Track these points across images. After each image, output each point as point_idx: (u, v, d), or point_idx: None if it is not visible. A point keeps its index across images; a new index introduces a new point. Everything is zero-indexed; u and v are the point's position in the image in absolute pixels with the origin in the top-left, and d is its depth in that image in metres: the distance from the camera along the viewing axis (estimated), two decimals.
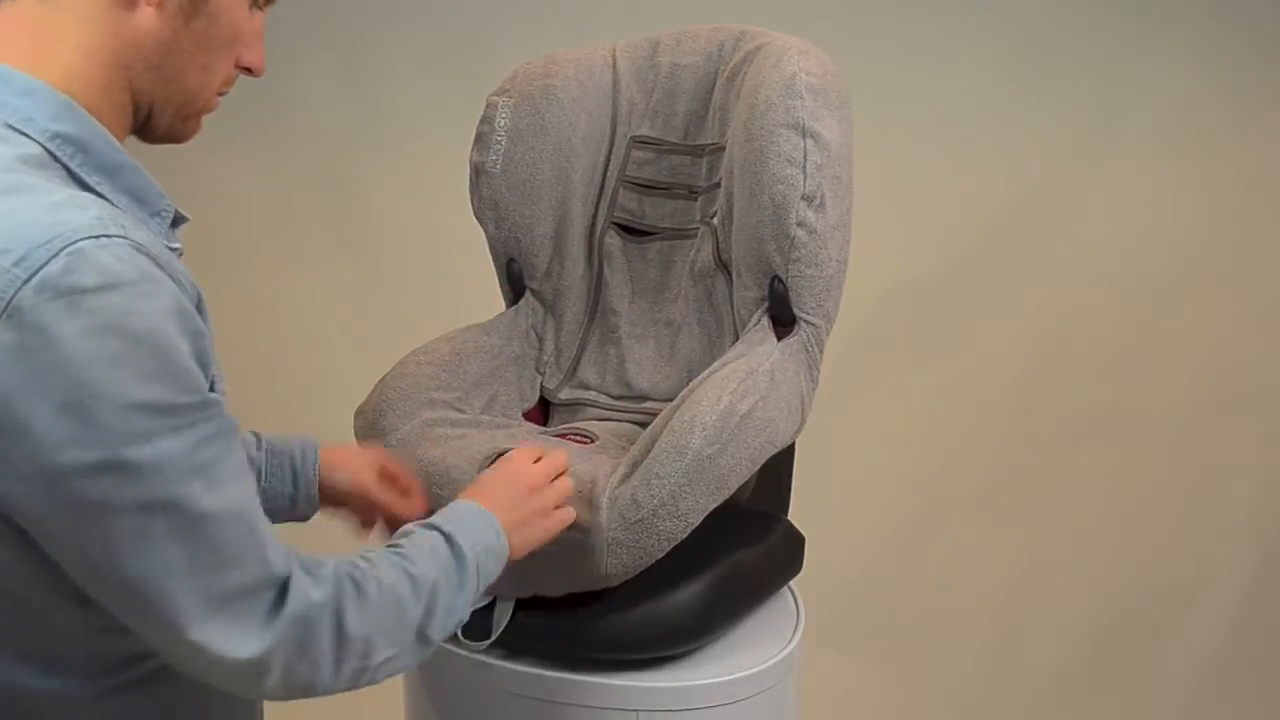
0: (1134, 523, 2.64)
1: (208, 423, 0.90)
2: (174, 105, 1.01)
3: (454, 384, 1.52)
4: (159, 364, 0.87)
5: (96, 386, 0.85)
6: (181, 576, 0.90)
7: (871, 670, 2.57)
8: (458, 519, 1.13)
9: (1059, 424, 2.62)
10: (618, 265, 1.63)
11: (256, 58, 1.05)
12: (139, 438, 0.86)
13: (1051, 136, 2.57)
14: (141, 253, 0.88)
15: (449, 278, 2.31)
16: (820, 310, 1.43)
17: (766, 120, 1.40)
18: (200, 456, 0.90)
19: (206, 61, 1.00)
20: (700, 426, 1.29)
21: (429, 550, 1.08)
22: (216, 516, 0.90)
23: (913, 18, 2.51)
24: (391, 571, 1.03)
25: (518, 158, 1.58)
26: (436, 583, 1.05)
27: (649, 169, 1.63)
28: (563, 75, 1.60)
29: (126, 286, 0.86)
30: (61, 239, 0.85)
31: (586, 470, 1.36)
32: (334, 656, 0.97)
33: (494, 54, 2.14)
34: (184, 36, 0.98)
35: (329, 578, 0.98)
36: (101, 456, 0.86)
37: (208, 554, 0.90)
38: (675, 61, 1.62)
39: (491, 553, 1.13)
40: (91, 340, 0.84)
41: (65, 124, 0.94)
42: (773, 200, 1.39)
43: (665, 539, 1.30)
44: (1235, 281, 2.62)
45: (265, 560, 0.94)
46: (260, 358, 2.56)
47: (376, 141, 2.53)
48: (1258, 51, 2.55)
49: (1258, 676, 2.67)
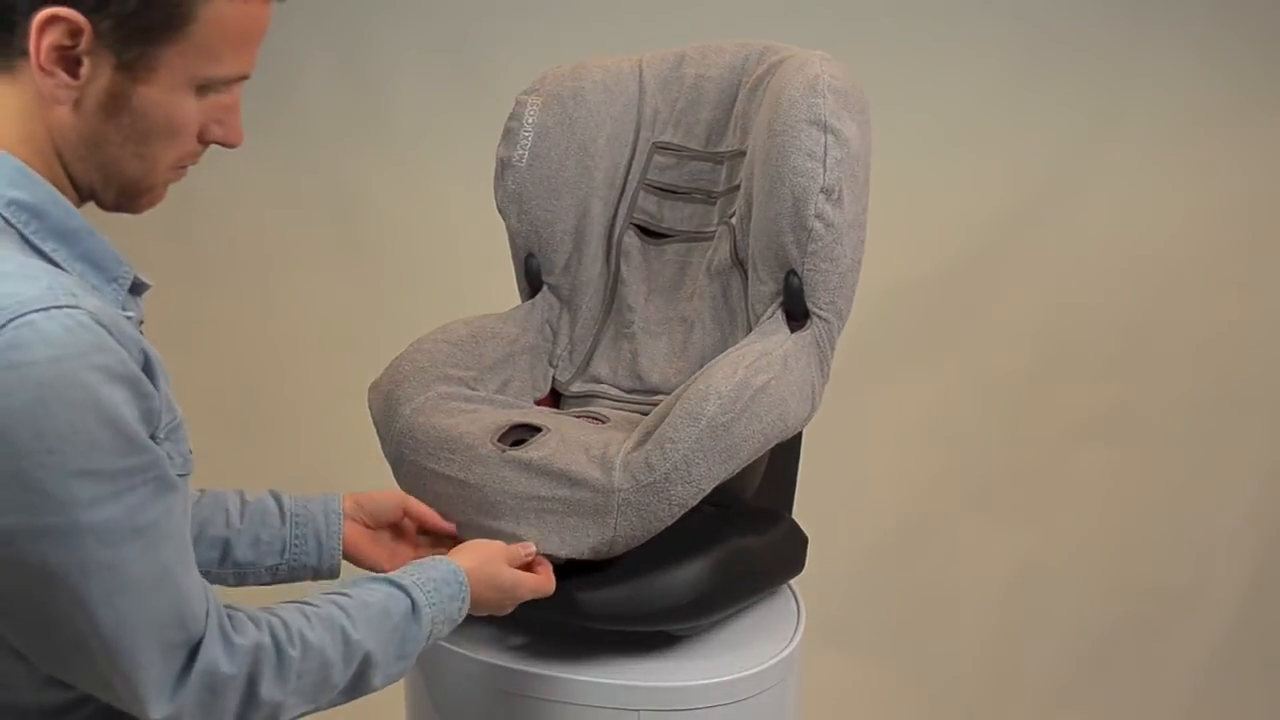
0: (1134, 523, 2.63)
1: (147, 485, 0.92)
2: (114, 188, 0.99)
3: (470, 363, 1.54)
4: (103, 433, 0.88)
5: (40, 456, 0.86)
6: (109, 635, 0.92)
7: (871, 670, 2.54)
8: (432, 584, 1.16)
9: (1059, 424, 2.62)
10: (635, 264, 1.66)
11: (226, 134, 1.01)
12: (81, 505, 0.88)
13: (1052, 137, 2.59)
14: (91, 319, 0.88)
15: (451, 277, 2.33)
16: (833, 306, 1.46)
17: (789, 116, 1.44)
18: (139, 519, 0.91)
19: (141, 151, 0.97)
20: (716, 395, 1.31)
21: (378, 612, 1.10)
22: (149, 579, 0.92)
23: (916, 19, 2.53)
24: (325, 632, 1.05)
25: (543, 154, 1.62)
26: (371, 652, 1.07)
27: (669, 174, 1.67)
28: (590, 79, 1.65)
29: (73, 358, 0.86)
30: (8, 311, 0.86)
31: (599, 439, 1.38)
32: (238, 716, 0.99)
33: (494, 54, 2.18)
34: (109, 130, 0.95)
35: (247, 649, 0.99)
36: (44, 522, 0.87)
37: (136, 615, 0.92)
38: (700, 73, 1.67)
39: (450, 621, 1.18)
40: (36, 411, 0.85)
41: (21, 190, 0.94)
42: (792, 192, 1.42)
43: (676, 504, 1.31)
44: (1236, 282, 2.63)
45: (184, 623, 0.95)
46: (260, 358, 2.57)
47: (377, 142, 2.54)
48: (1262, 53, 2.57)
49: (1258, 676, 2.63)
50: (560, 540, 1.33)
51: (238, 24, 0.96)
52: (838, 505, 2.35)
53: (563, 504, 1.33)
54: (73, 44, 0.91)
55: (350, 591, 1.12)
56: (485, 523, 1.36)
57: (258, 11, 0.98)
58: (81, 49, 0.91)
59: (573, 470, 1.34)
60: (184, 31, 0.94)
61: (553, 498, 1.34)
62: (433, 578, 1.18)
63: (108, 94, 0.93)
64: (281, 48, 1.39)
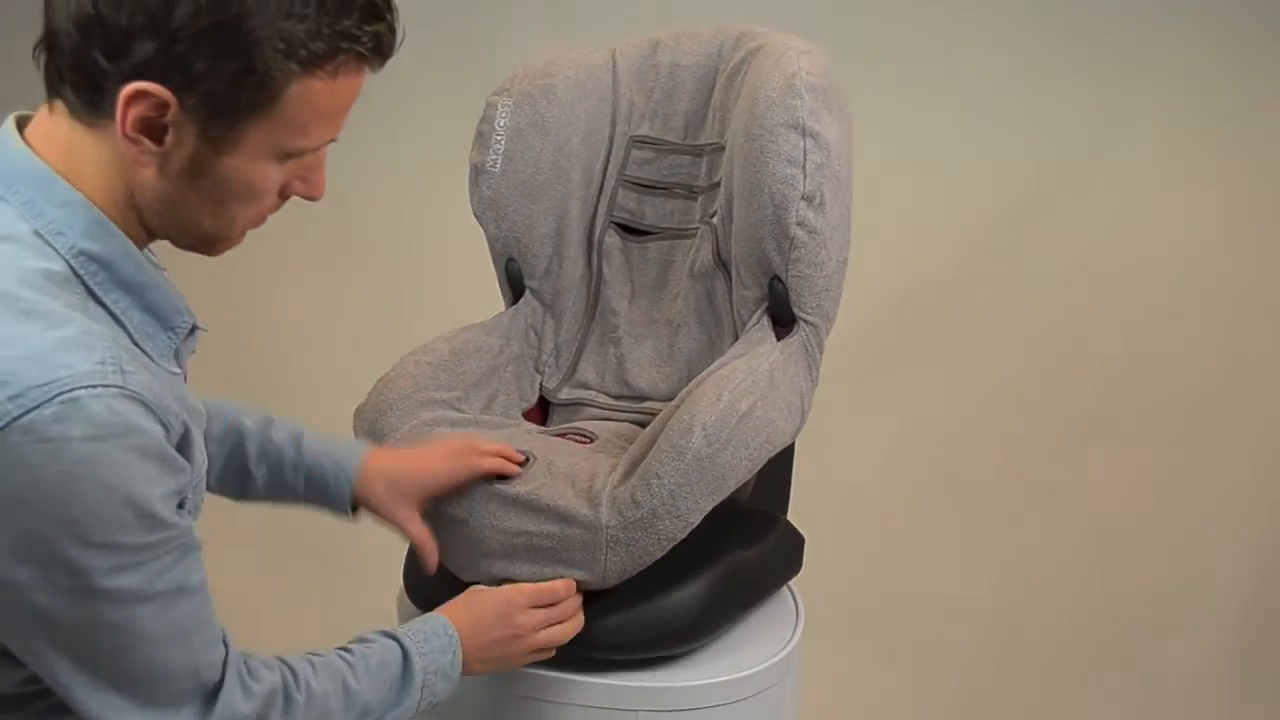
0: (1134, 523, 2.63)
1: (169, 554, 0.95)
2: (189, 240, 1.02)
3: (453, 383, 1.52)
4: (127, 512, 0.91)
5: (62, 526, 0.89)
6: (117, 684, 0.96)
7: (871, 670, 2.57)
8: (423, 636, 1.20)
9: (1059, 424, 2.62)
10: (617, 265, 1.63)
11: (311, 188, 1.03)
12: (97, 573, 0.91)
13: (1051, 137, 2.57)
14: (136, 400, 0.91)
15: (447, 278, 2.32)
16: (820, 310, 1.43)
17: (766, 120, 1.40)
18: (156, 586, 0.94)
19: (220, 212, 0.99)
20: (700, 426, 1.29)
21: (378, 664, 1.15)
22: (160, 638, 0.96)
23: (914, 13, 2.51)
24: (329, 682, 1.10)
25: (517, 157, 1.58)
26: (370, 702, 1.13)
27: (648, 169, 1.62)
28: (563, 75, 1.60)
29: (110, 439, 0.89)
30: (59, 384, 0.88)
31: (585, 468, 1.36)
32: None
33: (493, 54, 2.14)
34: (190, 192, 0.97)
35: (262, 694, 1.04)
36: (60, 581, 0.90)
37: (143, 668, 0.96)
38: (675, 61, 1.62)
39: (444, 675, 1.20)
40: (67, 484, 0.88)
41: (94, 243, 0.95)
42: (772, 200, 1.39)
43: (665, 539, 1.30)
44: (1236, 281, 2.61)
45: (198, 672, 0.99)
46: (260, 358, 2.57)
47: (376, 142, 2.53)
48: (1268, 49, 2.54)
49: (1257, 677, 2.66)
50: (553, 576, 1.33)
51: (327, 100, 0.97)
52: (837, 505, 2.37)
53: (552, 540, 1.32)
54: (159, 115, 0.92)
55: (353, 647, 1.17)
56: (478, 564, 1.36)
57: (348, 86, 0.98)
58: (168, 120, 0.92)
59: (560, 505, 1.33)
60: (270, 110, 0.94)
61: (541, 533, 1.33)
62: (423, 630, 1.22)
63: (191, 161, 0.95)
64: None
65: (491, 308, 1.66)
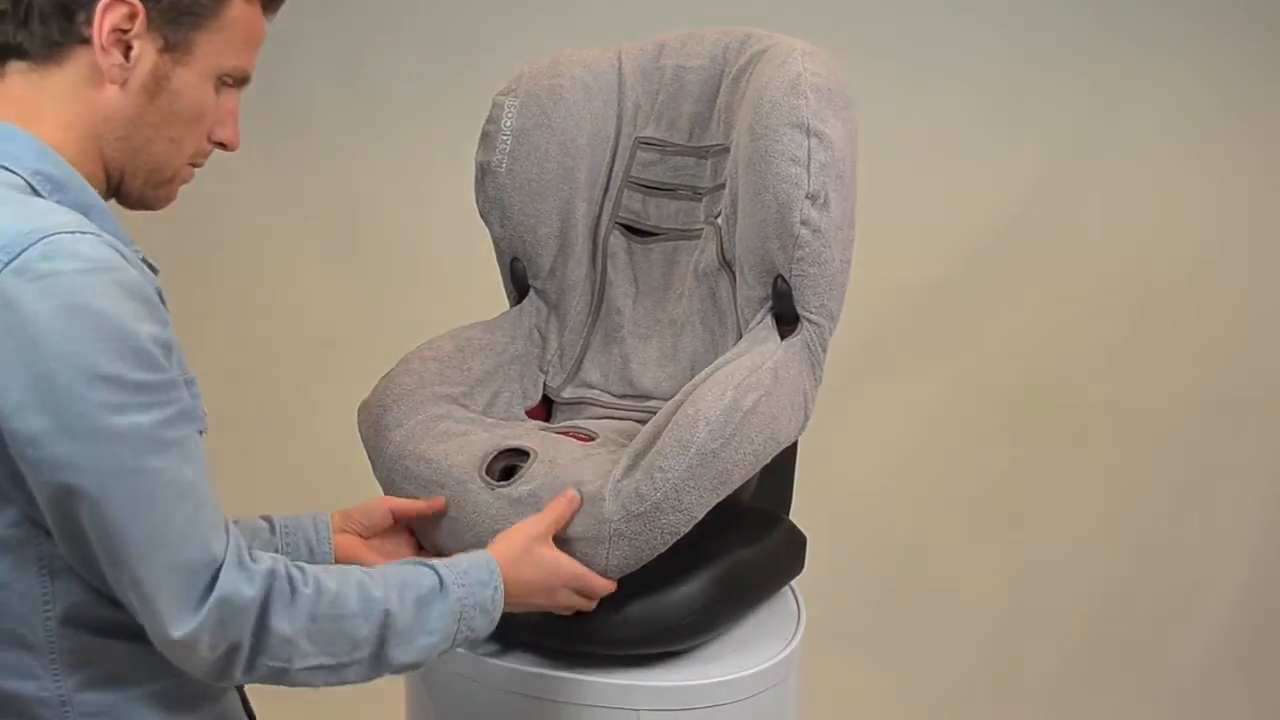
0: (1134, 523, 2.64)
1: (171, 406, 0.99)
2: (143, 173, 1.11)
3: (458, 379, 1.53)
4: (125, 344, 0.96)
5: (67, 359, 0.94)
6: (132, 543, 0.98)
7: (872, 670, 2.57)
8: (462, 566, 1.18)
9: (1059, 424, 2.62)
10: (621, 265, 1.63)
11: (229, 134, 1.16)
12: (108, 409, 0.95)
13: (1052, 136, 2.57)
14: (111, 247, 0.99)
15: (451, 278, 2.32)
16: (824, 309, 1.43)
17: (771, 119, 1.40)
18: (164, 434, 0.98)
19: (172, 135, 1.10)
20: (705, 421, 1.29)
21: (401, 581, 1.13)
22: (172, 494, 0.99)
23: (914, 20, 2.52)
24: (343, 584, 1.09)
25: (523, 157, 1.58)
26: (390, 610, 1.10)
27: (653, 170, 1.63)
28: (569, 76, 1.60)
29: (100, 272, 0.97)
30: (39, 231, 0.96)
31: (588, 465, 1.36)
32: (251, 649, 1.03)
33: (494, 55, 2.16)
34: (148, 111, 1.08)
35: (262, 573, 1.04)
36: (70, 423, 0.95)
37: (162, 526, 0.98)
38: (680, 64, 1.63)
39: (483, 609, 1.18)
40: (62, 318, 0.94)
41: (47, 165, 1.05)
42: (777, 199, 1.39)
43: (668, 533, 1.30)
44: (1235, 281, 2.62)
45: (207, 543, 1.01)
46: (261, 358, 2.57)
47: (378, 143, 2.55)
48: (1253, 57, 2.56)
49: (1257, 677, 2.66)
50: None
51: (249, 24, 1.12)
52: (839, 505, 2.37)
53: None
54: (128, 28, 1.05)
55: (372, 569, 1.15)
56: None
57: (260, 17, 1.14)
58: (133, 33, 1.06)
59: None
60: (217, 21, 1.09)
61: None
62: (461, 561, 1.20)
63: (151, 75, 1.07)
64: (282, 49, 1.44)
65: (494, 307, 1.66)
